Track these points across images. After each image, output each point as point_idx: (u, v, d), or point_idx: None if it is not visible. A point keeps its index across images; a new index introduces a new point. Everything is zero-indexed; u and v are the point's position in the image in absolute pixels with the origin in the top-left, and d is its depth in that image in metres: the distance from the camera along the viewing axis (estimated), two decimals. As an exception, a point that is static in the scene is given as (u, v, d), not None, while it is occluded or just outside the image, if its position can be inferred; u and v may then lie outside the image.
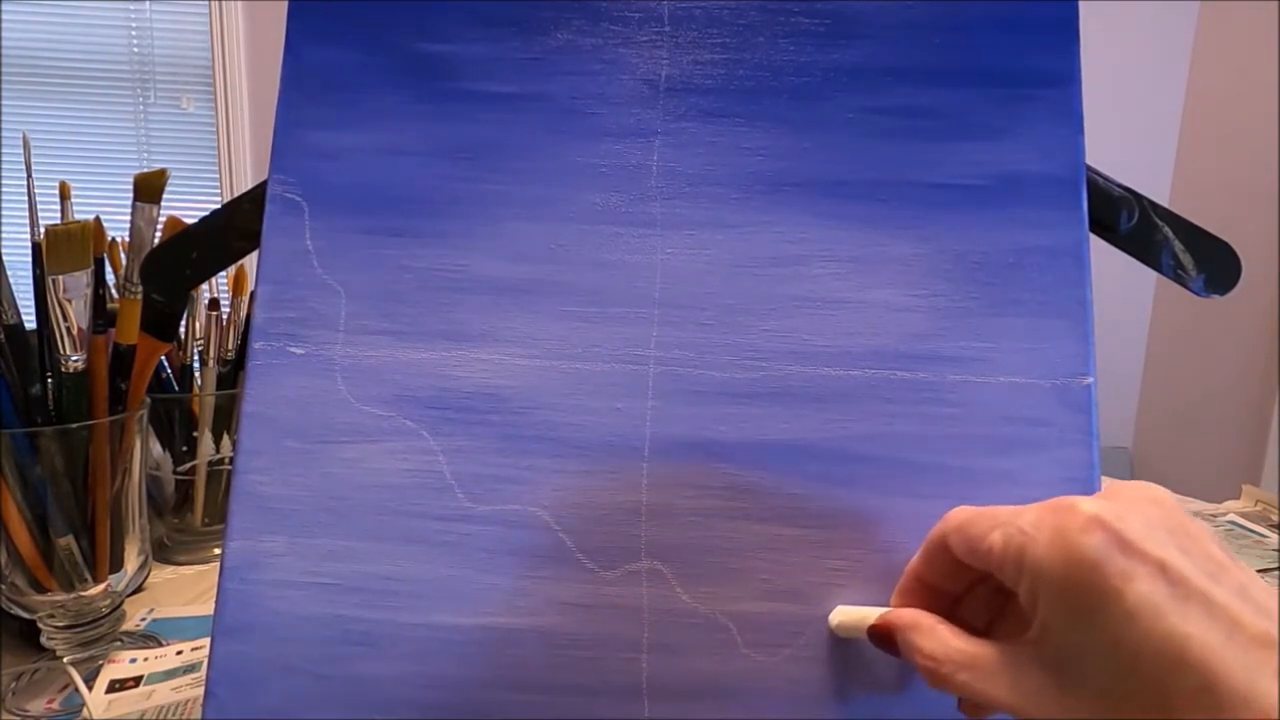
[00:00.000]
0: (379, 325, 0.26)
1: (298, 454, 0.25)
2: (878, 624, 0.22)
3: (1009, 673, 0.18)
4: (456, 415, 0.25)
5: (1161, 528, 0.17)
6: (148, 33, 1.69)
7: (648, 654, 0.24)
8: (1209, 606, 0.16)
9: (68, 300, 0.32)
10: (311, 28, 0.28)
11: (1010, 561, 0.18)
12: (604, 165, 0.27)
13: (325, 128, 0.27)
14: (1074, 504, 0.17)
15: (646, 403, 0.25)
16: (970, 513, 0.20)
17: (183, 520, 0.52)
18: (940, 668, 0.19)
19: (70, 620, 0.36)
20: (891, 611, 0.22)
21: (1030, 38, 0.27)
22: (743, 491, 0.25)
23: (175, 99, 1.72)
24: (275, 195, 0.27)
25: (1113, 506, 0.17)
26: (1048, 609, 0.17)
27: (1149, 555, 0.16)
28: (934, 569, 0.21)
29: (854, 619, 0.23)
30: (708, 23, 0.27)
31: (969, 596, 0.22)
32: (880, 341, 0.25)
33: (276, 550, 0.24)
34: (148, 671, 0.36)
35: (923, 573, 0.22)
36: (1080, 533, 0.17)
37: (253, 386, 0.25)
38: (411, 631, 0.24)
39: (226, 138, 1.71)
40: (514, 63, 0.27)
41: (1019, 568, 0.18)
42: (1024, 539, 0.18)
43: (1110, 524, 0.17)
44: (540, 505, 0.25)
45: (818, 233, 0.26)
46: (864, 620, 0.22)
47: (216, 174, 1.73)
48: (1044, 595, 0.17)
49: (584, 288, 0.26)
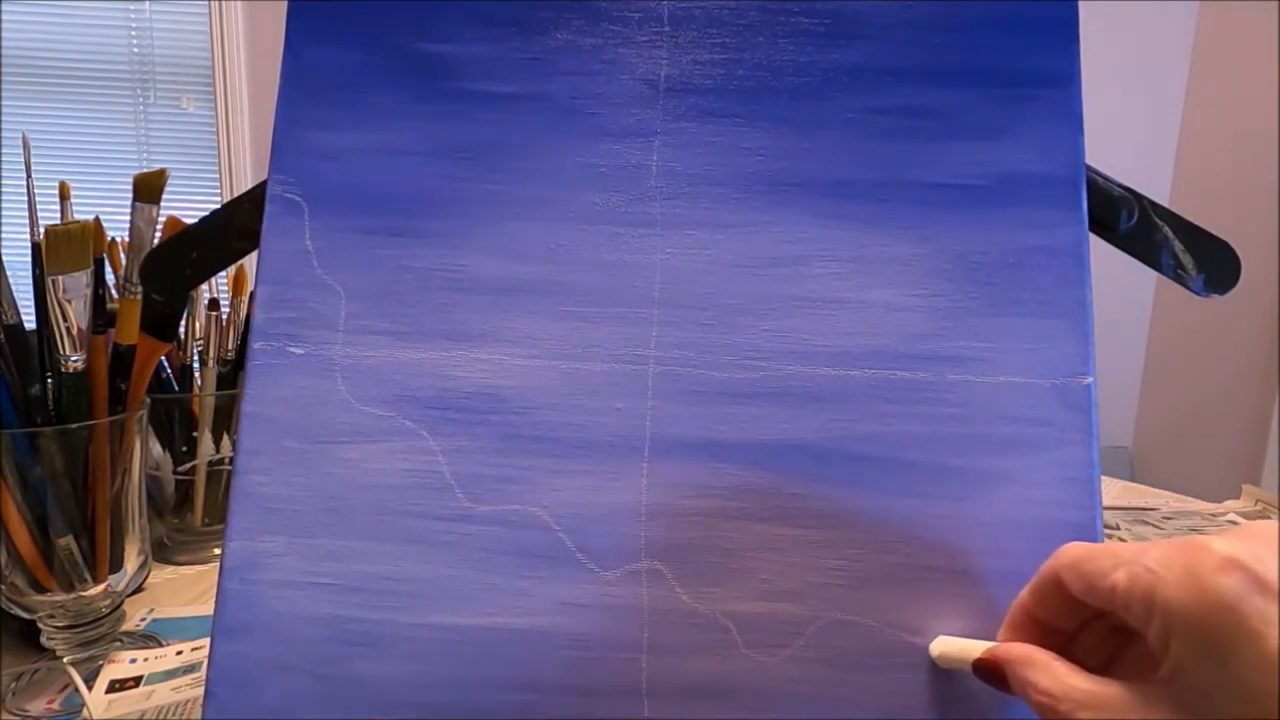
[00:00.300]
0: (379, 325, 0.26)
1: (297, 454, 0.25)
2: (985, 658, 0.21)
3: (1137, 713, 0.18)
4: (456, 415, 0.25)
5: None
6: (147, 33, 1.69)
7: (647, 654, 0.24)
8: None
9: (67, 300, 0.32)
10: (311, 28, 0.28)
11: (1138, 601, 0.18)
12: (604, 165, 0.27)
13: (325, 128, 0.27)
14: (1206, 543, 0.17)
15: (646, 403, 0.25)
16: (1085, 549, 0.20)
17: (183, 520, 0.52)
18: (1059, 705, 0.19)
19: (70, 620, 0.36)
20: (1000, 646, 0.21)
21: (1030, 38, 0.27)
22: (743, 491, 0.25)
23: (175, 99, 1.72)
24: (275, 195, 0.27)
25: (1248, 547, 0.17)
26: (1181, 650, 0.17)
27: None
28: (1045, 605, 0.21)
29: (957, 650, 0.23)
30: (707, 23, 0.27)
31: (1083, 634, 0.21)
32: (880, 341, 0.25)
33: (276, 550, 0.24)
34: (148, 672, 0.36)
35: (1032, 608, 0.21)
36: (1216, 573, 0.16)
37: (252, 387, 0.25)
38: (411, 632, 0.24)
39: (226, 138, 1.71)
40: (514, 63, 0.27)
41: (1148, 608, 0.18)
42: (1153, 578, 0.17)
43: (1247, 565, 0.16)
44: (540, 505, 0.25)
45: (817, 233, 0.26)
46: (967, 652, 0.22)
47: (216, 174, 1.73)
48: (1177, 636, 0.17)
49: (584, 288, 0.26)
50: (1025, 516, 0.24)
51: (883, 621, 0.24)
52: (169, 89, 1.72)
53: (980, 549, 0.24)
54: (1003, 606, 0.24)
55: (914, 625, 0.24)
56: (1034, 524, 0.24)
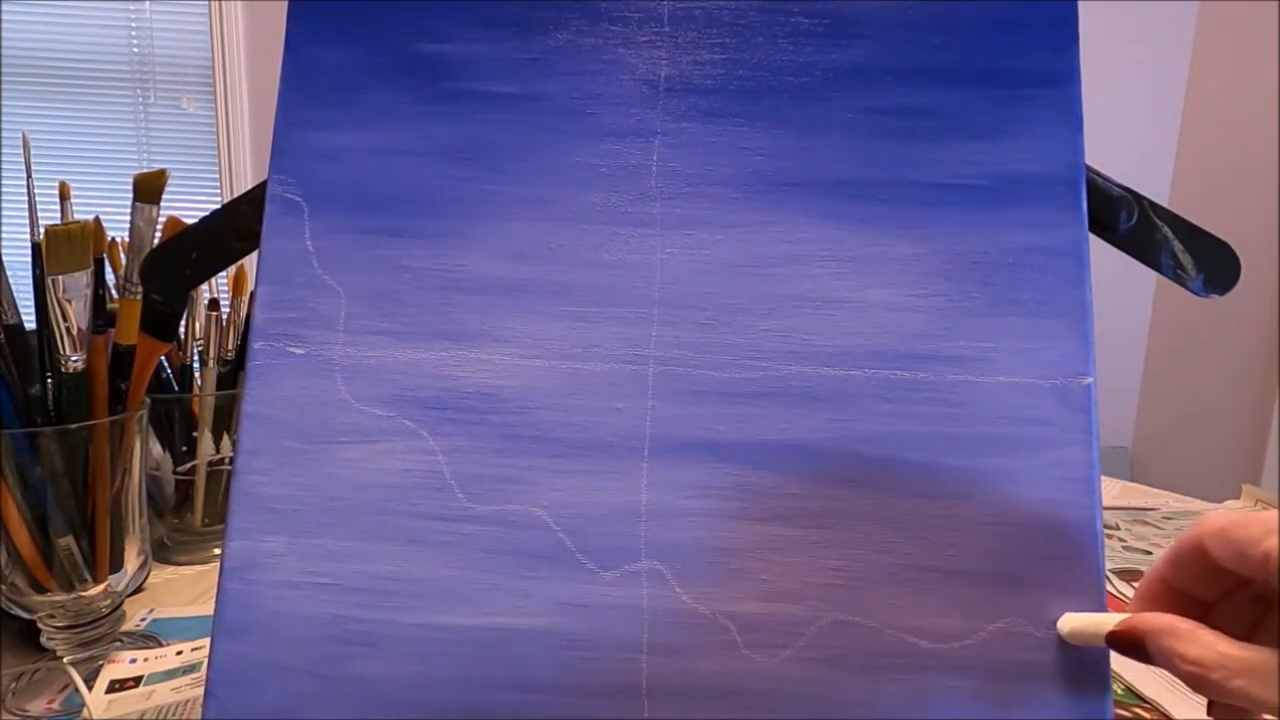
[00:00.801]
0: (379, 325, 0.26)
1: (297, 454, 0.25)
2: (1120, 629, 0.21)
3: None
4: (456, 415, 0.25)
5: None
6: (147, 33, 1.69)
7: (647, 654, 0.24)
8: None
9: (67, 300, 0.33)
10: (311, 27, 0.28)
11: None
12: (603, 165, 0.27)
13: (325, 128, 0.27)
14: None
15: (646, 403, 0.25)
16: (1233, 517, 0.20)
17: (183, 520, 0.52)
18: (1211, 673, 0.19)
19: (70, 620, 0.36)
20: (1137, 616, 0.21)
21: (1029, 37, 0.27)
22: (742, 491, 0.25)
23: (175, 99, 1.72)
24: (275, 195, 0.27)
25: None
26: None
27: None
28: (1186, 574, 0.21)
29: (1088, 625, 0.23)
30: (707, 23, 0.27)
31: (1223, 603, 0.21)
32: (880, 341, 0.25)
33: (276, 550, 0.24)
34: (148, 672, 0.36)
35: (1170, 577, 0.21)
36: None
37: (252, 387, 0.25)
38: (411, 632, 0.24)
39: (226, 138, 1.71)
40: (514, 63, 0.27)
41: None
42: None
43: None
44: (540, 505, 0.25)
45: (817, 232, 0.26)
46: (1100, 626, 0.22)
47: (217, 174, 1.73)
48: None
49: (584, 288, 0.26)
50: (1025, 516, 0.24)
51: (883, 622, 0.24)
52: (169, 89, 1.72)
53: (980, 549, 0.24)
54: (1004, 606, 0.24)
55: (915, 626, 0.24)
56: (1034, 524, 0.24)
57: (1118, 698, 0.36)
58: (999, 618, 0.24)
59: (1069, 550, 0.24)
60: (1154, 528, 0.57)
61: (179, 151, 1.73)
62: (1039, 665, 0.23)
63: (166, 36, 1.70)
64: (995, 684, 0.23)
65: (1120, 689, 0.37)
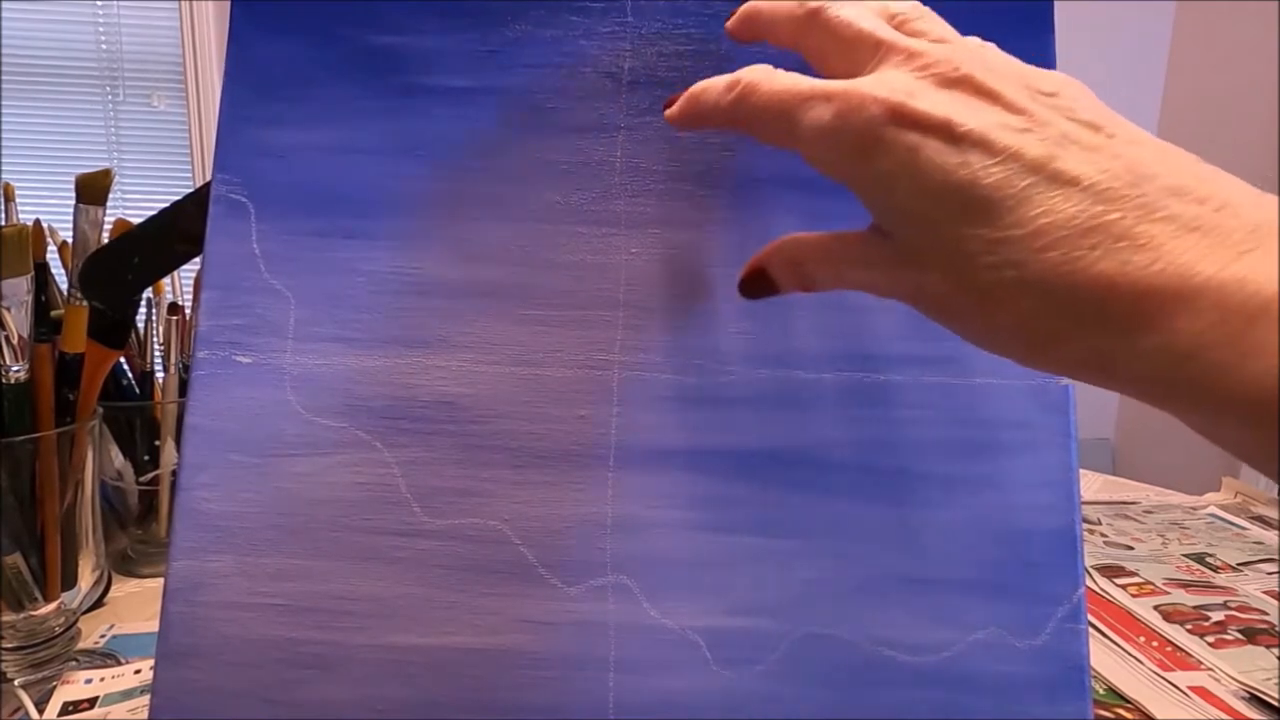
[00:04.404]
0: (330, 332, 0.25)
1: (245, 468, 0.24)
2: (743, 274, 0.22)
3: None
4: (412, 425, 0.24)
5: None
6: (115, 29, 1.66)
7: (614, 673, 0.23)
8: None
9: (6, 308, 0.31)
10: (258, 17, 0.26)
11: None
12: (565, 162, 0.26)
13: (272, 124, 0.26)
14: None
15: (611, 409, 0.24)
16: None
17: (146, 532, 0.51)
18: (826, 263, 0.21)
19: (21, 641, 0.35)
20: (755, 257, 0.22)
21: (1002, 28, 0.26)
22: (712, 501, 0.24)
23: (145, 96, 1.68)
24: (219, 196, 0.25)
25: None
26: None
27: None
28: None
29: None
30: (672, 14, 0.26)
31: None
32: (853, 343, 0.25)
33: (223, 570, 0.23)
34: (104, 692, 0.35)
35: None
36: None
37: (196, 397, 0.24)
38: (367, 653, 0.23)
39: (199, 135, 1.68)
40: (470, 55, 0.26)
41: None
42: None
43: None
44: (500, 518, 0.24)
45: (787, 229, 0.25)
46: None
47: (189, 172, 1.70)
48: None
49: (545, 290, 0.25)
50: (1003, 523, 0.23)
51: (859, 635, 0.23)
52: (138, 86, 1.68)
53: (958, 558, 0.23)
54: (983, 616, 0.23)
55: (891, 638, 0.23)
56: (1012, 530, 0.23)
57: (1099, 698, 0.36)
58: (978, 628, 0.23)
59: (1048, 557, 0.23)
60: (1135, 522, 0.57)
61: (150, 150, 1.70)
62: (1019, 676, 0.23)
63: (135, 32, 1.66)
64: (974, 697, 0.23)
65: (1102, 690, 0.37)
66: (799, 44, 0.21)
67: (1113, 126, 0.16)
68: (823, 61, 0.20)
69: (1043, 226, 0.15)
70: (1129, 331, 0.15)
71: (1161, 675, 0.36)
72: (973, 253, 0.16)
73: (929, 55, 0.17)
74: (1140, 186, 0.15)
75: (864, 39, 0.18)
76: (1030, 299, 0.15)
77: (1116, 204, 0.15)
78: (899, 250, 0.18)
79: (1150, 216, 0.15)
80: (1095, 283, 0.15)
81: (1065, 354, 0.16)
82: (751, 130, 0.20)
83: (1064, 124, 0.16)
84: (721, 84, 0.20)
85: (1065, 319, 0.15)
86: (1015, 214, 0.15)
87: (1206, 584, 0.46)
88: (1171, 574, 0.47)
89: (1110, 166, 0.15)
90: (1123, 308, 0.14)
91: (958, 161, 0.16)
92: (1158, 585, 0.45)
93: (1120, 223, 0.15)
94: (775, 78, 0.19)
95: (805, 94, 0.18)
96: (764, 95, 0.19)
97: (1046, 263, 0.15)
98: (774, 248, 0.21)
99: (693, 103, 0.21)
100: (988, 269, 0.16)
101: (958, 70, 0.17)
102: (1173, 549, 0.51)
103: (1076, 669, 0.23)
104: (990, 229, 0.15)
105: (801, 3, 0.20)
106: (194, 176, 1.70)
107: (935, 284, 0.17)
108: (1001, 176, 0.15)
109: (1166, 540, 0.53)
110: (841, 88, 0.17)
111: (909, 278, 0.18)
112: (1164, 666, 0.37)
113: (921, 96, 0.16)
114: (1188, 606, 0.42)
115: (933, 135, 0.16)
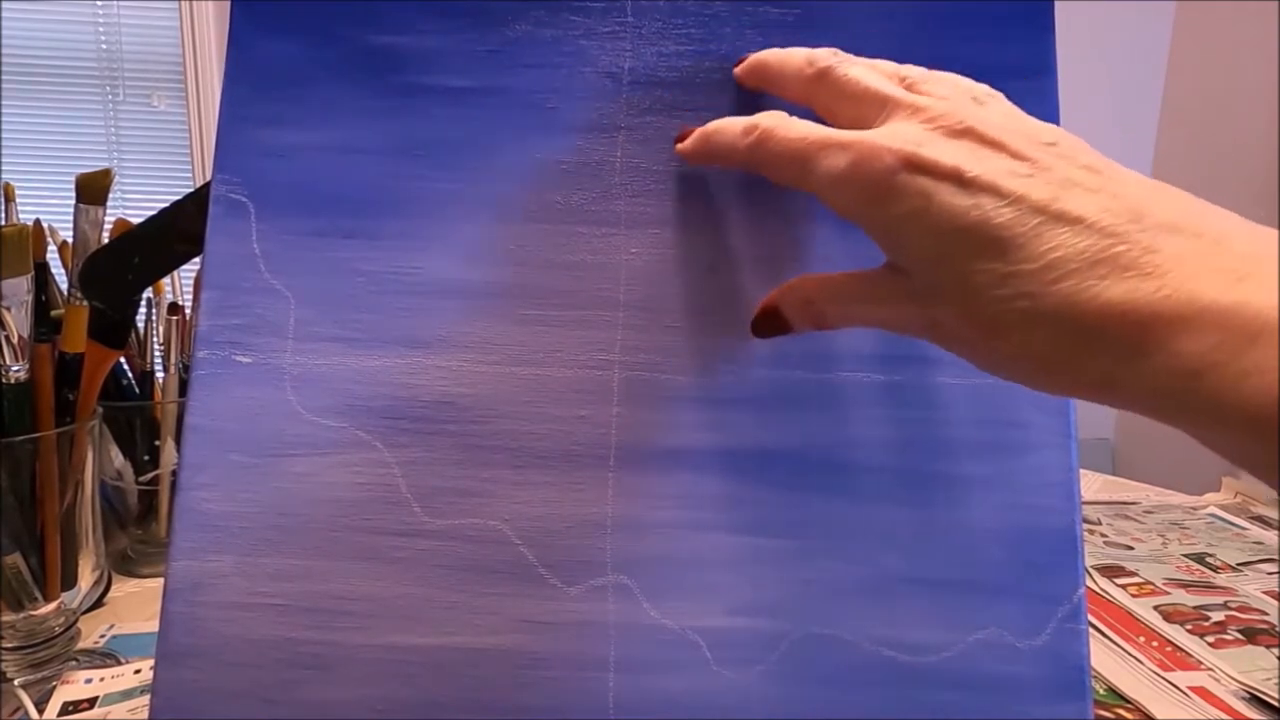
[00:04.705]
0: (330, 332, 0.25)
1: (245, 468, 0.24)
2: (756, 314, 0.23)
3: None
4: (412, 425, 0.24)
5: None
6: (115, 29, 1.66)
7: (614, 673, 0.23)
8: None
9: (6, 308, 0.31)
10: (258, 18, 0.26)
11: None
12: (565, 162, 0.26)
13: (273, 124, 0.26)
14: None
15: (612, 409, 0.24)
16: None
17: (146, 531, 0.51)
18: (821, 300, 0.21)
19: (21, 641, 0.35)
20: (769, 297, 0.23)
21: (1003, 28, 0.26)
22: (712, 501, 0.24)
23: (145, 96, 1.68)
24: (219, 196, 0.25)
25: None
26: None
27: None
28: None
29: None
30: (672, 13, 0.26)
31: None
32: (854, 343, 0.25)
33: (223, 570, 0.23)
34: (104, 692, 0.35)
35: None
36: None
37: (196, 397, 0.24)
38: (366, 654, 0.23)
39: (199, 135, 1.68)
40: (471, 55, 0.26)
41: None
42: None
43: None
44: (501, 519, 0.24)
45: (788, 230, 0.25)
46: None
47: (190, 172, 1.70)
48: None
49: (546, 290, 0.25)
50: (1004, 523, 0.23)
51: (859, 635, 0.23)
52: (139, 86, 1.68)
53: (959, 558, 0.23)
54: (983, 617, 0.23)
55: (892, 638, 0.23)
56: (1013, 531, 0.23)
57: (1100, 698, 0.36)
58: (978, 629, 0.23)
59: (1048, 558, 0.23)
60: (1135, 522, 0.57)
61: (150, 149, 1.70)
62: (1019, 676, 0.23)
63: (135, 32, 1.66)
64: (974, 697, 0.23)
65: (1102, 690, 0.37)
66: (807, 100, 0.21)
67: (1110, 171, 0.17)
68: (830, 115, 0.21)
69: (1054, 260, 0.16)
70: (1136, 354, 0.15)
71: (1161, 675, 0.36)
72: (985, 286, 0.17)
73: (934, 109, 0.18)
74: (1141, 223, 0.16)
75: (872, 96, 0.19)
76: (1043, 328, 0.16)
77: (1121, 238, 0.16)
78: (912, 287, 0.19)
79: (1153, 249, 0.15)
80: (1105, 310, 0.15)
81: (1075, 377, 0.17)
82: (765, 172, 0.21)
83: (1066, 169, 0.17)
84: (738, 127, 0.21)
85: (1076, 345, 0.16)
86: (1026, 250, 0.16)
87: (1206, 584, 0.46)
88: (1171, 574, 0.47)
89: (1111, 206, 0.16)
90: (1130, 332, 0.15)
91: (969, 204, 0.17)
92: (1158, 585, 0.45)
93: (1127, 254, 0.16)
94: (791, 125, 0.20)
95: (821, 142, 0.19)
96: (780, 141, 0.20)
97: (1058, 294, 0.16)
98: (786, 287, 0.22)
99: (707, 142, 0.22)
100: (999, 301, 0.16)
101: (962, 123, 0.18)
102: (1173, 549, 0.51)
103: (1077, 669, 0.23)
104: (1002, 264, 0.16)
105: (811, 62, 0.21)
106: (194, 176, 1.69)
107: (949, 317, 0.18)
108: (1012, 216, 0.16)
109: (1166, 540, 0.53)
110: (855, 137, 0.18)
111: (923, 313, 0.19)
112: (1164, 666, 0.37)
113: (931, 146, 0.17)
114: (1188, 606, 0.42)
115: (944, 181, 0.17)
